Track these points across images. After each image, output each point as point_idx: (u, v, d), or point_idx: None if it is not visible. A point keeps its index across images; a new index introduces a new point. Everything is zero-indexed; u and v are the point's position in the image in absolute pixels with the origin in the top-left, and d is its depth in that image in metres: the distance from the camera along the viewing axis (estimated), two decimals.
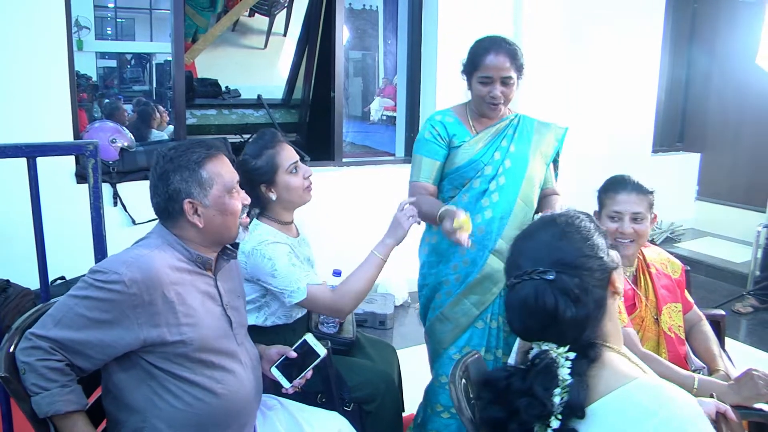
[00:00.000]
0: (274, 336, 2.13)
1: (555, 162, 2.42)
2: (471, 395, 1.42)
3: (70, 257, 2.92)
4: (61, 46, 3.38)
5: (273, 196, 2.15)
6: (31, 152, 2.00)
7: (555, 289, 1.15)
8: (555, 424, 1.12)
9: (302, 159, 2.26)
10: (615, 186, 2.17)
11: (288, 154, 2.15)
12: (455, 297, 2.32)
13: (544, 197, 2.40)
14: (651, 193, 2.16)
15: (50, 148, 2.10)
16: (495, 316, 2.31)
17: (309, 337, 1.78)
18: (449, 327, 2.33)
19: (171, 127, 5.27)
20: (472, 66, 2.26)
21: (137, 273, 1.48)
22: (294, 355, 1.76)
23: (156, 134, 5.33)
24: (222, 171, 1.64)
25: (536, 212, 2.34)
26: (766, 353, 3.78)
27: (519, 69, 2.25)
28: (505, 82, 2.23)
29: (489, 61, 2.20)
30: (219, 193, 1.62)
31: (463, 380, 1.44)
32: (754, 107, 6.06)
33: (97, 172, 2.07)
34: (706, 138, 6.59)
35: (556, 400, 1.13)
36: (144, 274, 1.48)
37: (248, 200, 1.71)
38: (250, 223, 1.94)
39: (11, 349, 1.46)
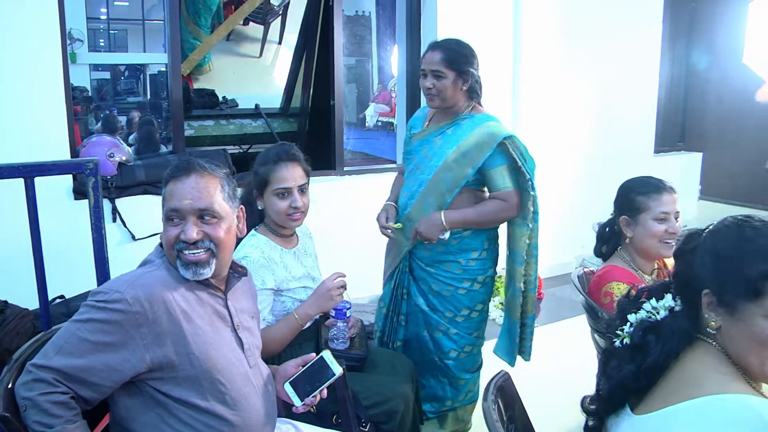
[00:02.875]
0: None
1: (517, 167, 2.44)
2: (505, 417, 1.36)
3: (70, 275, 2.85)
4: (56, 60, 3.31)
5: (260, 205, 2.19)
6: (28, 172, 1.94)
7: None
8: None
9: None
10: (656, 187, 2.15)
11: (282, 176, 2.14)
12: (384, 256, 2.72)
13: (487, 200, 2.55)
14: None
15: (48, 167, 2.04)
16: (399, 284, 2.63)
17: (326, 354, 1.71)
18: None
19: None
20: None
21: (140, 290, 1.42)
22: (311, 357, 1.71)
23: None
24: (174, 193, 1.54)
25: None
26: None
27: (455, 68, 2.43)
28: (436, 75, 2.43)
29: (425, 57, 2.48)
30: (163, 214, 1.56)
31: (499, 401, 1.36)
32: (754, 105, 6.03)
33: (98, 191, 2.00)
34: (707, 137, 6.54)
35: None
36: (146, 292, 1.42)
37: (190, 237, 1.51)
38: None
39: (10, 385, 1.38)
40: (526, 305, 2.59)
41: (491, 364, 2.72)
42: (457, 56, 2.44)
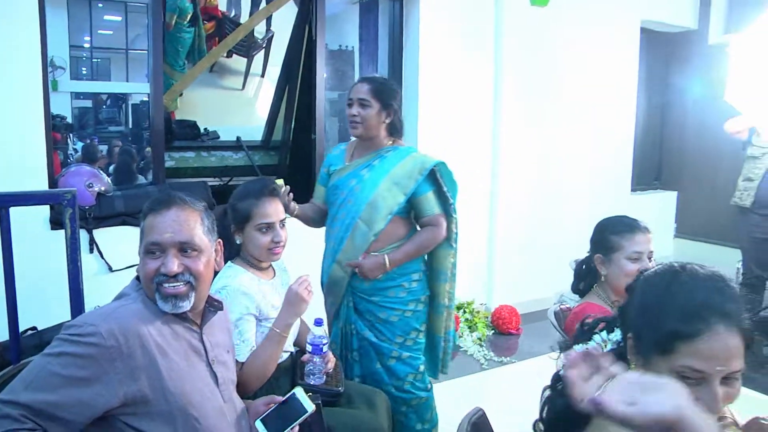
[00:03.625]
0: None
1: (441, 193, 2.64)
2: None
3: (43, 306, 2.81)
4: (37, 88, 3.30)
5: (238, 240, 2.20)
6: (4, 202, 1.91)
7: None
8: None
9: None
10: (630, 227, 2.18)
11: (265, 212, 2.16)
12: (323, 296, 2.74)
13: (421, 227, 2.68)
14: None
15: (25, 197, 2.02)
16: (346, 321, 2.67)
17: (298, 391, 1.70)
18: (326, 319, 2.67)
19: None
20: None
21: (114, 324, 1.40)
22: (280, 399, 1.69)
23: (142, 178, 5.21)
24: (154, 226, 1.55)
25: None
26: (760, 393, 3.71)
27: (380, 100, 2.57)
28: (362, 103, 2.57)
29: (353, 88, 2.65)
30: (142, 248, 1.56)
31: None
32: (728, 144, 6.12)
33: (75, 222, 1.98)
34: (683, 176, 6.67)
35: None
36: (121, 325, 1.41)
37: (171, 270, 1.52)
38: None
39: None
40: (449, 320, 2.77)
41: (461, 400, 2.72)
42: (384, 89, 2.61)
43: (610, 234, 2.19)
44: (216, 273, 1.96)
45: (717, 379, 1.05)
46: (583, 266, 2.31)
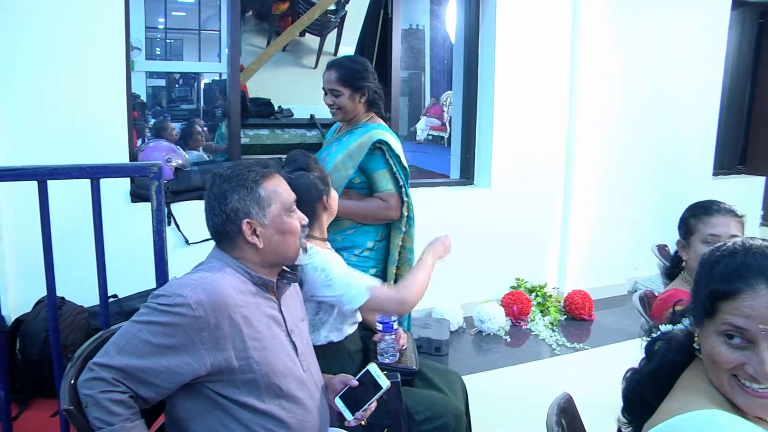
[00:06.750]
0: (327, 354, 2.09)
1: (390, 170, 2.63)
2: None
3: (124, 276, 2.91)
4: (120, 68, 3.41)
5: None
6: (95, 173, 1.98)
7: None
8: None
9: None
10: (708, 209, 2.10)
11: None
12: None
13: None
14: (742, 216, 2.10)
15: (114, 169, 2.08)
16: None
17: (372, 368, 1.70)
18: None
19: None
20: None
21: (202, 295, 1.42)
22: (356, 383, 1.69)
23: (195, 155, 5.23)
24: (279, 189, 1.61)
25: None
26: None
27: (349, 85, 2.61)
28: (334, 93, 2.64)
29: (324, 76, 2.67)
30: (277, 212, 1.59)
31: (562, 422, 1.33)
32: None
33: (161, 194, 2.03)
34: None
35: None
36: (209, 296, 1.42)
37: (306, 220, 1.67)
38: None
39: (73, 381, 1.40)
40: None
41: (536, 383, 2.66)
42: (351, 73, 2.63)
43: (689, 217, 2.14)
44: None
45: (764, 342, 1.02)
46: (676, 252, 2.25)
